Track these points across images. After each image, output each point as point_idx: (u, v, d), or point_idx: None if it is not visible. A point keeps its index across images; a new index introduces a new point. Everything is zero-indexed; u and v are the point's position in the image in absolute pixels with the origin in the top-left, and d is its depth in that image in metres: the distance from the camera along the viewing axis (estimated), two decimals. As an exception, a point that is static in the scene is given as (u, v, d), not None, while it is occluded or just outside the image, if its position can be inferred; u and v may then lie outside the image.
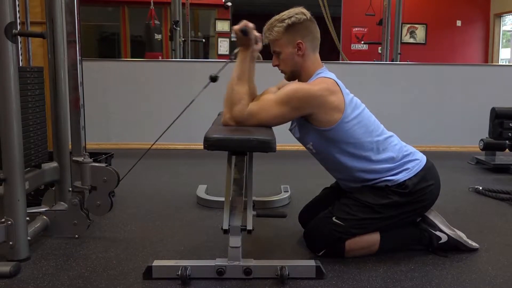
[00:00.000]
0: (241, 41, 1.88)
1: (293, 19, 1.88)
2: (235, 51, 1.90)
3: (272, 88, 2.11)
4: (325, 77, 1.89)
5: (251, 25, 1.86)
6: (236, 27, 1.86)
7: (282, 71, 1.98)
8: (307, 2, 2.15)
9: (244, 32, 1.84)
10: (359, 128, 1.88)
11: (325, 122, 1.84)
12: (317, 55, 1.96)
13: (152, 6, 5.37)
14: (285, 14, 1.90)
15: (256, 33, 1.89)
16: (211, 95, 2.21)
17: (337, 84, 1.88)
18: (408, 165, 1.92)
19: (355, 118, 1.87)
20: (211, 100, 2.65)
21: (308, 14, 1.92)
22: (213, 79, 1.86)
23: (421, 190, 1.91)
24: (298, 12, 1.90)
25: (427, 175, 1.94)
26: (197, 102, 1.99)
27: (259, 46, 1.94)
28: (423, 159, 1.98)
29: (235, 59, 1.90)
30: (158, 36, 5.51)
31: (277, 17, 1.91)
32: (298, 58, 1.91)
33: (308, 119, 1.87)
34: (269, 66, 2.01)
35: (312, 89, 1.84)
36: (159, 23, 5.58)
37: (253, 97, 1.97)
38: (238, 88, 1.84)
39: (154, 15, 5.48)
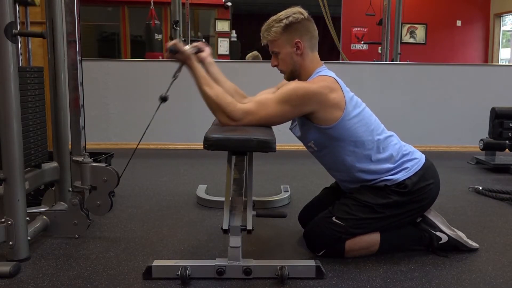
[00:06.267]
0: (178, 58, 1.88)
1: (290, 18, 1.88)
2: (177, 68, 1.89)
3: (268, 89, 2.11)
4: (325, 75, 1.89)
5: (176, 41, 1.89)
6: (165, 50, 1.89)
7: (281, 71, 1.98)
8: (307, 2, 2.15)
9: (172, 50, 1.86)
10: (360, 126, 1.88)
11: (326, 120, 1.84)
12: (316, 54, 1.96)
13: (152, 6, 5.38)
14: (282, 14, 1.90)
15: (191, 46, 1.92)
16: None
17: (337, 82, 1.88)
18: (407, 164, 1.92)
19: (356, 116, 1.87)
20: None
21: (306, 13, 1.92)
22: (164, 99, 1.87)
23: (421, 189, 1.91)
24: (296, 12, 1.90)
25: (426, 174, 1.94)
26: (197, 101, 1.99)
27: (206, 51, 2.00)
28: (422, 158, 1.98)
29: (176, 76, 1.89)
30: (158, 36, 5.51)
31: (274, 17, 1.91)
32: (297, 57, 1.91)
33: (309, 118, 1.86)
34: (269, 66, 2.01)
35: (312, 87, 1.84)
36: (159, 23, 5.58)
37: (237, 93, 2.01)
38: (213, 91, 1.82)
39: (155, 15, 5.48)
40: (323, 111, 1.83)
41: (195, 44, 1.98)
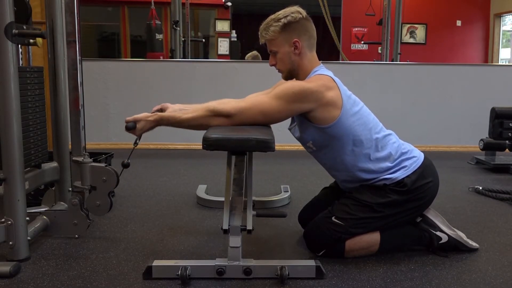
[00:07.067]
0: (142, 126, 1.84)
1: (289, 18, 1.88)
2: (136, 139, 1.88)
3: (259, 92, 2.09)
4: (321, 74, 1.89)
5: (127, 118, 1.84)
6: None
7: (279, 71, 1.98)
8: (307, 1, 2.15)
9: (131, 127, 1.83)
10: (358, 125, 1.88)
11: (324, 119, 1.84)
12: (314, 54, 1.96)
13: (153, 6, 5.38)
14: (280, 13, 1.90)
15: (145, 115, 1.84)
16: (211, 96, 2.21)
17: (334, 81, 1.88)
18: (406, 163, 1.92)
19: (354, 115, 1.87)
20: (211, 100, 2.65)
21: (304, 13, 1.92)
22: (126, 165, 1.89)
23: (420, 188, 1.91)
24: (294, 11, 1.90)
25: (425, 172, 1.93)
26: (197, 101, 1.99)
27: (166, 107, 1.93)
28: (420, 156, 1.98)
29: (137, 144, 1.88)
30: (159, 36, 5.52)
31: (272, 16, 1.91)
32: (295, 56, 1.91)
33: (307, 117, 1.86)
34: (268, 66, 2.01)
35: (308, 85, 1.83)
36: (160, 23, 5.59)
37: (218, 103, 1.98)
38: (191, 112, 1.83)
39: (155, 15, 5.48)
40: (321, 109, 1.82)
41: (154, 109, 1.95)
